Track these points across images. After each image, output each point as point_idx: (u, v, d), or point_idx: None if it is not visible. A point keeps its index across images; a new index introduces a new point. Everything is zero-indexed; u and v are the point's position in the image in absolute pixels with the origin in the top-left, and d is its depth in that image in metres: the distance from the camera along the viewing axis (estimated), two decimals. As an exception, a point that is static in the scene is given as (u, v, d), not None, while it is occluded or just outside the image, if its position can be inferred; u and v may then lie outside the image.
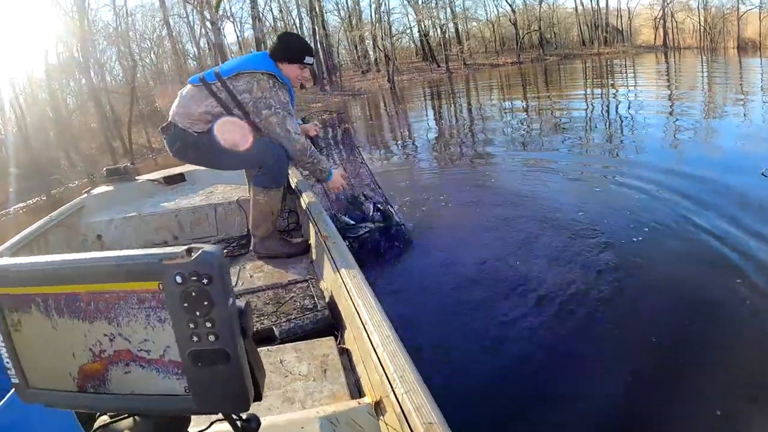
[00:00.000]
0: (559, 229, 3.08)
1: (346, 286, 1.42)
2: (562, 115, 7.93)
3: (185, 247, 0.49)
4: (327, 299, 1.73)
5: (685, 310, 2.13)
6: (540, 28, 23.33)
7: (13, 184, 12.60)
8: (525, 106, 9.81)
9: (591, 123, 6.96)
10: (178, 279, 0.48)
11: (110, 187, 3.12)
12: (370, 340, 1.10)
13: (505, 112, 9.27)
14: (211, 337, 0.49)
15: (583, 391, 1.76)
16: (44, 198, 11.50)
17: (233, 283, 1.95)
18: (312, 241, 2.21)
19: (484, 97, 12.91)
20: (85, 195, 3.02)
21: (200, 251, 0.49)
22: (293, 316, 1.63)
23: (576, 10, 23.77)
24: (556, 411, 1.70)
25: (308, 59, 2.24)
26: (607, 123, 6.92)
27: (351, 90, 20.37)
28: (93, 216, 2.79)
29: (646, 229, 2.94)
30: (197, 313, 0.49)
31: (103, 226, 2.70)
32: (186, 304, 0.49)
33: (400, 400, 0.88)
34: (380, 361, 1.01)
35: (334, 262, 1.61)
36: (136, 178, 3.36)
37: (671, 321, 2.08)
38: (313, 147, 2.28)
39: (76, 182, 12.71)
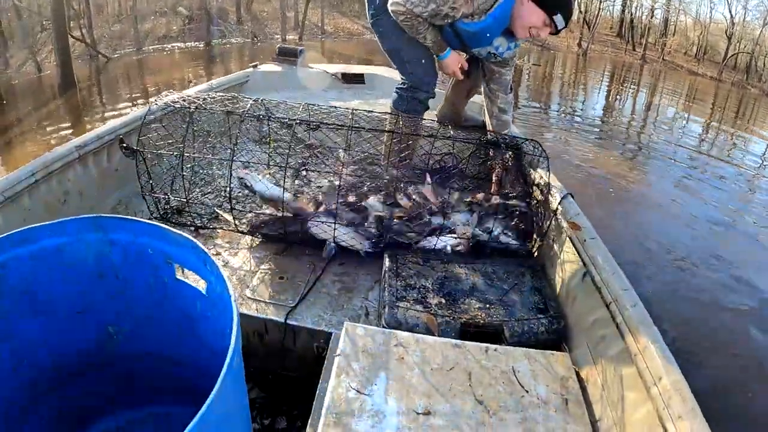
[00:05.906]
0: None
1: (602, 292, 1.15)
2: (738, 151, 7.45)
3: None
4: (559, 299, 1.40)
5: None
6: (753, 52, 21.36)
7: (178, 22, 13.29)
8: (705, 127, 9.43)
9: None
10: None
11: (279, 68, 2.91)
12: (652, 400, 0.87)
13: (682, 126, 8.88)
14: None
15: None
16: (201, 46, 12.13)
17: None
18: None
19: (669, 102, 12.30)
20: (251, 69, 2.81)
21: None
22: (523, 315, 1.31)
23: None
24: None
25: (559, 20, 1.77)
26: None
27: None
28: (256, 93, 2.44)
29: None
30: None
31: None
32: None
33: None
34: None
35: (579, 252, 1.34)
36: (311, 66, 3.16)
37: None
38: (419, 19, 1.83)
39: (238, 39, 13.42)
